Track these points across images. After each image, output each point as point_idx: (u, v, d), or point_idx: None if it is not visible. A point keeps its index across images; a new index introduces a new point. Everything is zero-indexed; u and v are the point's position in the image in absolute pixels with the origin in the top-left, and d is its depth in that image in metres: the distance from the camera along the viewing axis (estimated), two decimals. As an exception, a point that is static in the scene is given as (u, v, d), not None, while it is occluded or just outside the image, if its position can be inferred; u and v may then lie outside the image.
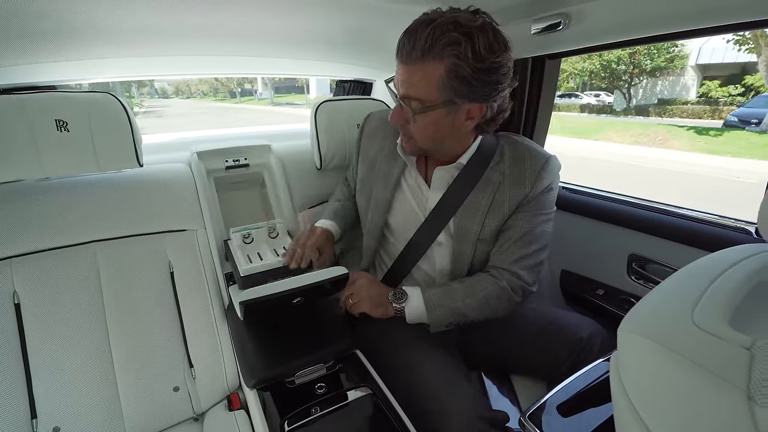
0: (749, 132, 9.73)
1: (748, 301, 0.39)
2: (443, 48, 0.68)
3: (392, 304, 0.88)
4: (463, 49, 0.68)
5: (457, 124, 0.78)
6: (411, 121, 0.78)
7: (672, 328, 0.37)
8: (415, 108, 0.75)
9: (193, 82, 37.89)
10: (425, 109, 0.75)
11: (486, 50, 0.68)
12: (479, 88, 0.72)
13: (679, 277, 0.46)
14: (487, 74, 0.71)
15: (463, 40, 0.67)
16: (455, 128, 0.79)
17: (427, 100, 0.74)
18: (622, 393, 0.38)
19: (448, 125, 0.78)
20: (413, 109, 0.76)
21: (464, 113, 0.77)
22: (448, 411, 0.73)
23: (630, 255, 1.15)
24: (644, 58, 14.88)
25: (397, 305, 0.87)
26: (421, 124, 0.78)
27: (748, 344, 0.31)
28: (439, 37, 0.68)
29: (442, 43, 0.68)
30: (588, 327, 0.91)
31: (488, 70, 0.70)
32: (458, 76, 0.70)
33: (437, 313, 0.85)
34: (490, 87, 0.73)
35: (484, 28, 0.69)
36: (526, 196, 0.84)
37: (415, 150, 0.86)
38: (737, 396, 0.28)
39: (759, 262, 0.44)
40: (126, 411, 0.84)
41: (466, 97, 0.73)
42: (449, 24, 0.68)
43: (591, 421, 0.61)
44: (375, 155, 0.97)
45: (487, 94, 0.74)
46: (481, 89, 0.72)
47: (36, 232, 0.85)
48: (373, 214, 0.97)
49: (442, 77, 0.71)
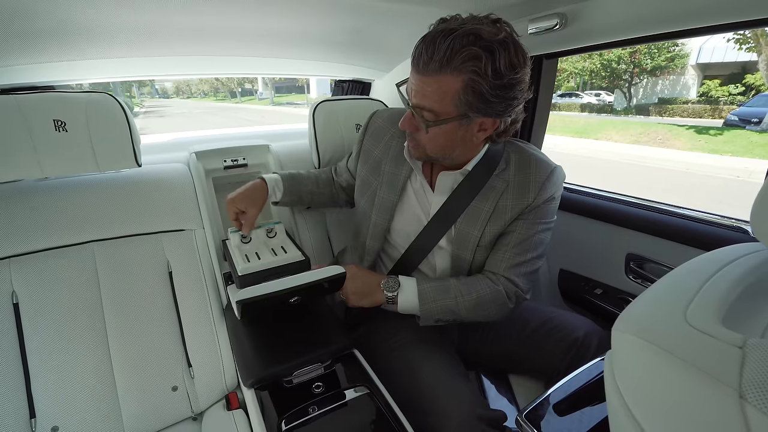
0: (750, 131, 9.72)
1: (741, 301, 0.39)
2: (463, 62, 0.66)
3: (384, 291, 0.87)
4: (483, 66, 0.65)
5: (468, 135, 0.77)
6: (422, 130, 0.76)
7: (665, 327, 0.37)
8: (428, 119, 0.73)
9: (194, 81, 37.94)
10: (438, 122, 0.73)
11: (506, 67, 0.66)
12: (496, 104, 0.70)
13: (674, 276, 0.46)
14: (504, 90, 0.69)
15: (484, 56, 0.65)
16: (466, 139, 0.78)
17: (440, 113, 0.72)
18: (616, 392, 0.38)
19: (459, 137, 0.77)
20: (425, 120, 0.73)
21: (477, 126, 0.75)
22: (446, 411, 0.73)
23: (628, 254, 1.15)
24: (644, 58, 14.87)
25: (389, 293, 0.87)
26: (432, 135, 0.76)
27: (740, 343, 0.31)
28: (458, 50, 0.65)
29: (462, 57, 0.65)
30: (585, 326, 0.91)
31: (506, 87, 0.68)
32: (475, 91, 0.68)
33: (429, 307, 0.85)
34: (506, 103, 0.71)
35: (506, 42, 0.66)
36: (529, 206, 0.83)
37: (422, 156, 0.85)
38: (729, 394, 0.28)
39: (753, 261, 0.44)
40: (124, 410, 0.84)
41: (481, 111, 0.72)
42: (470, 36, 0.65)
43: (587, 420, 0.62)
44: (380, 156, 0.96)
45: (503, 109, 0.72)
46: (497, 105, 0.71)
47: (35, 231, 0.86)
48: (377, 217, 0.96)
49: (458, 92, 0.69)
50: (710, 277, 0.42)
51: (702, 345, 0.33)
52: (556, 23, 0.91)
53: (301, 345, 0.83)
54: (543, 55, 1.13)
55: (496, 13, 0.70)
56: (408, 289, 0.87)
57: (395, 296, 0.86)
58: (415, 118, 0.76)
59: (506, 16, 0.96)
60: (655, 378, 0.35)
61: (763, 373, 0.28)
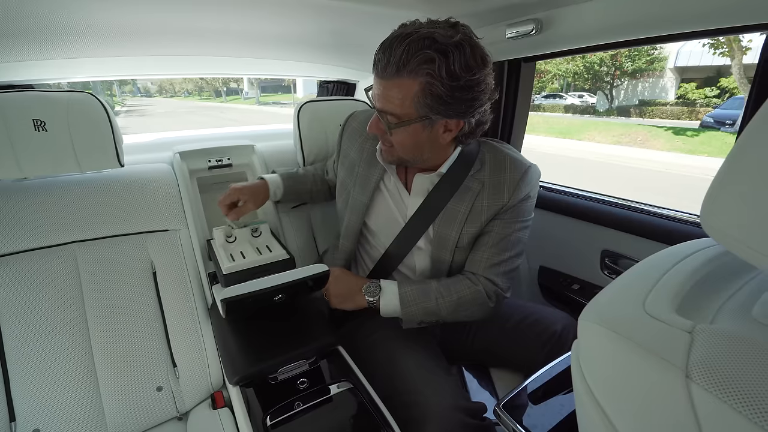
0: (724, 133, 10.06)
1: (695, 291, 0.42)
2: (418, 65, 0.67)
3: (365, 296, 0.89)
4: (437, 68, 0.67)
5: (434, 137, 0.78)
6: (388, 134, 0.78)
7: (625, 315, 0.39)
8: (391, 122, 0.75)
9: (178, 80, 37.20)
10: (401, 124, 0.75)
11: (461, 69, 0.67)
12: (455, 105, 0.72)
13: (637, 269, 0.48)
14: (462, 92, 0.70)
15: (438, 58, 0.66)
16: (433, 141, 0.79)
17: (402, 115, 0.74)
18: (581, 378, 0.41)
19: (425, 138, 0.78)
20: (389, 123, 0.76)
21: (441, 127, 0.77)
22: (428, 402, 0.75)
23: (603, 251, 1.19)
24: (625, 60, 15.23)
25: (370, 298, 0.88)
26: (399, 137, 0.78)
27: (690, 328, 0.34)
28: (414, 54, 0.67)
29: (417, 60, 0.67)
30: (563, 320, 0.94)
31: (464, 88, 0.69)
32: (433, 94, 0.69)
33: (410, 310, 0.86)
34: (466, 104, 0.72)
35: (461, 45, 0.67)
36: (505, 206, 0.84)
37: (393, 160, 0.86)
38: (677, 375, 0.31)
39: (709, 254, 0.48)
40: (108, 412, 0.83)
41: (442, 113, 0.73)
42: (425, 40, 0.66)
43: (562, 408, 0.64)
44: (355, 157, 0.97)
45: (464, 111, 0.73)
46: (456, 106, 0.72)
47: (14, 233, 0.84)
48: (349, 217, 0.98)
49: (416, 94, 0.70)
50: (668, 269, 0.45)
51: (656, 331, 0.35)
52: (532, 28, 0.94)
53: (287, 342, 0.84)
54: (521, 59, 1.17)
55: (474, 19, 0.72)
56: (389, 293, 0.88)
57: (376, 301, 0.88)
58: (381, 122, 0.77)
59: (484, 20, 0.98)
60: (615, 362, 0.37)
61: (708, 355, 0.31)
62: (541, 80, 18.18)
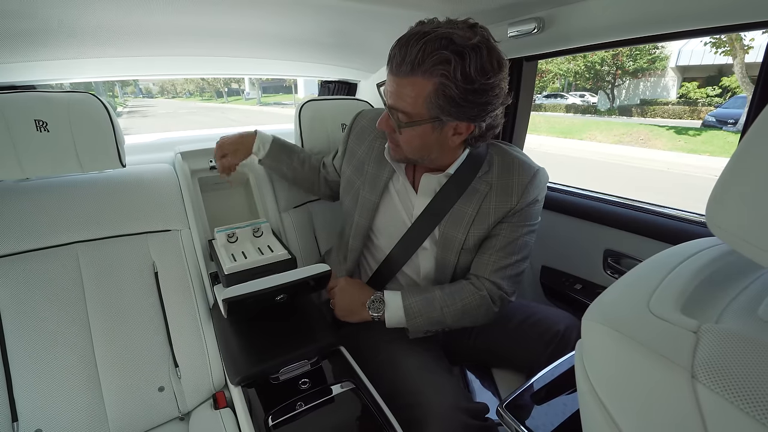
0: (726, 132, 10.03)
1: (700, 290, 0.41)
2: (433, 66, 0.66)
3: (369, 312, 0.89)
4: (453, 70, 0.66)
5: (443, 138, 0.78)
6: (397, 132, 0.78)
7: (629, 315, 0.39)
8: (401, 120, 0.74)
9: (179, 81, 37.32)
10: (411, 123, 0.74)
11: (477, 72, 0.66)
12: (467, 108, 0.71)
13: (640, 269, 0.48)
14: (476, 95, 0.69)
15: (454, 59, 0.65)
16: (442, 142, 0.78)
17: (413, 114, 0.73)
18: (585, 378, 0.41)
19: (434, 139, 0.77)
20: (399, 121, 0.75)
21: (451, 129, 0.76)
22: (430, 403, 0.75)
23: (605, 250, 1.19)
24: (627, 60, 15.20)
25: (375, 314, 0.89)
26: (407, 136, 0.77)
27: (695, 328, 0.33)
28: (430, 53, 0.66)
29: (433, 60, 0.66)
30: (565, 320, 0.94)
31: (477, 92, 0.68)
32: (446, 95, 0.69)
33: (416, 322, 0.86)
34: (478, 108, 0.71)
35: (478, 47, 0.66)
36: (512, 209, 0.84)
37: (401, 158, 0.85)
38: (683, 375, 0.31)
39: (712, 254, 0.47)
40: (110, 412, 0.83)
41: (453, 115, 0.72)
42: (442, 40, 0.65)
43: (565, 408, 0.64)
44: (363, 156, 0.97)
45: (475, 114, 0.72)
46: (468, 110, 0.71)
47: (16, 233, 0.84)
48: (359, 217, 0.97)
49: (429, 95, 0.69)
50: (673, 269, 0.44)
51: (661, 330, 0.35)
52: (534, 27, 0.94)
53: (288, 342, 0.84)
54: (523, 58, 1.17)
55: (476, 17, 0.71)
56: (393, 307, 0.88)
57: (381, 316, 0.88)
58: (391, 119, 0.77)
59: (487, 20, 0.98)
60: (619, 362, 0.37)
61: (714, 356, 0.30)
62: (542, 80, 18.17)
